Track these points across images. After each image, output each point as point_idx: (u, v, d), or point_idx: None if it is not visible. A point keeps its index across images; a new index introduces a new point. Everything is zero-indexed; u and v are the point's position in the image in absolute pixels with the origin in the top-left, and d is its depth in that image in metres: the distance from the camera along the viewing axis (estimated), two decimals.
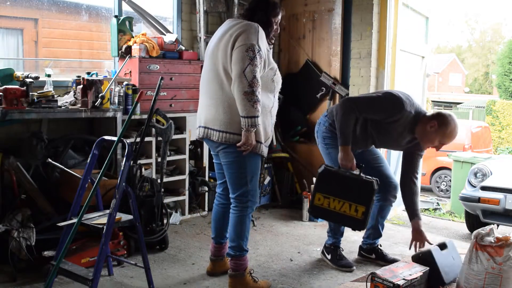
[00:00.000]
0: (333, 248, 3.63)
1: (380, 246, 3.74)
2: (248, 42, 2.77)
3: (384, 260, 3.62)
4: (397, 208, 5.34)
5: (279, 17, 3.06)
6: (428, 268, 2.92)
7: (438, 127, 3.25)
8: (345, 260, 3.60)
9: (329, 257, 3.63)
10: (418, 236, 3.45)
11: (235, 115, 2.83)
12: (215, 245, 3.31)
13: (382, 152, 4.83)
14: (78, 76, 3.82)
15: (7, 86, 3.28)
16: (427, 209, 7.03)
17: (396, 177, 5.20)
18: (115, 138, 2.87)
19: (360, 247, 3.80)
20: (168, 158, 4.18)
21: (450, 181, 7.82)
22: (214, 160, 3.22)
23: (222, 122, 2.88)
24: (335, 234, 3.63)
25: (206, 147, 4.73)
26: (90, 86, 3.62)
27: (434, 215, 6.28)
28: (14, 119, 3.40)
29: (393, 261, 3.51)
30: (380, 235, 3.72)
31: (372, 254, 3.71)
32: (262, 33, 2.88)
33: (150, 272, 2.88)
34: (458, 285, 2.89)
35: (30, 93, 3.34)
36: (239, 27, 2.85)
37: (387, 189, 3.54)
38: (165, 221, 3.77)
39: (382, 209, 3.64)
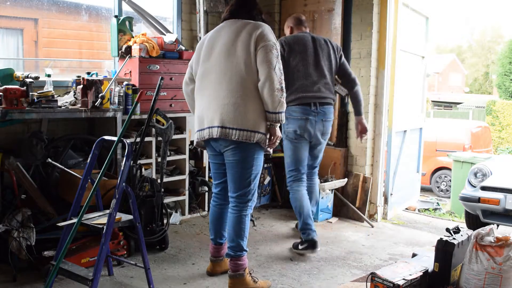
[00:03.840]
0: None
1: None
2: (271, 42, 2.92)
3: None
4: (397, 208, 5.34)
5: None
6: (427, 268, 2.92)
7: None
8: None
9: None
10: (362, 126, 4.05)
11: (256, 113, 2.92)
12: (214, 246, 3.31)
13: (382, 152, 4.85)
14: (78, 76, 3.82)
15: (7, 86, 3.28)
16: (427, 209, 7.03)
17: (396, 177, 5.21)
18: (115, 138, 2.88)
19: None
20: (168, 158, 4.19)
21: (450, 181, 7.83)
22: (211, 161, 3.21)
23: (244, 121, 2.90)
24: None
25: None
26: (90, 86, 3.62)
27: (434, 215, 6.28)
28: (14, 119, 3.40)
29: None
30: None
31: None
32: (273, 32, 3.03)
33: (150, 272, 2.88)
34: (458, 285, 2.89)
35: (30, 93, 3.34)
36: (255, 27, 2.95)
37: None
38: (165, 221, 3.77)
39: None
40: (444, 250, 2.90)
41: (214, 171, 3.25)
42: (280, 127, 3.13)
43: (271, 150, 3.10)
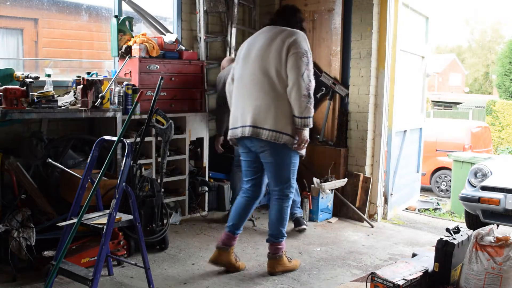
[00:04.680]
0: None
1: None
2: (302, 49, 3.10)
3: None
4: (397, 208, 5.34)
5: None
6: (427, 268, 2.92)
7: None
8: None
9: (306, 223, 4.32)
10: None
11: (285, 116, 3.11)
12: (228, 233, 3.37)
13: (382, 152, 4.85)
14: (78, 76, 3.82)
15: (7, 86, 3.28)
16: (427, 209, 7.03)
17: (396, 177, 5.21)
18: (115, 138, 2.88)
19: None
20: (168, 158, 4.18)
21: (450, 181, 7.82)
22: (243, 158, 3.41)
23: (273, 122, 3.10)
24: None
25: (206, 147, 4.73)
26: (90, 86, 3.62)
27: (434, 215, 6.28)
28: (14, 119, 3.40)
29: None
30: None
31: None
32: (307, 40, 3.21)
33: (150, 272, 2.88)
34: (458, 285, 2.89)
35: (30, 93, 3.34)
36: (289, 35, 3.14)
37: None
38: (165, 221, 3.77)
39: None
40: (444, 250, 2.90)
41: (245, 168, 3.43)
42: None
43: (303, 152, 3.29)
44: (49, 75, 3.67)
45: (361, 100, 4.84)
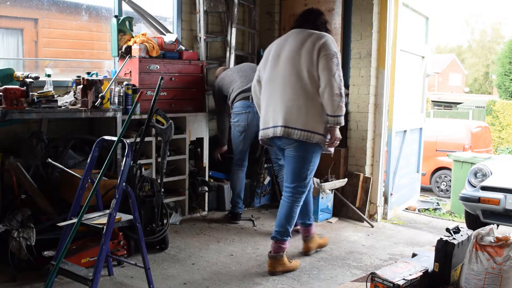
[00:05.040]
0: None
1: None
2: (332, 51, 3.23)
3: None
4: (397, 208, 5.34)
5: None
6: (427, 268, 2.92)
7: None
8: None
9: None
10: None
11: (316, 116, 3.24)
12: (304, 228, 3.75)
13: (382, 152, 4.84)
14: (78, 76, 3.82)
15: (7, 86, 3.28)
16: (427, 209, 7.02)
17: (396, 177, 5.21)
18: (115, 138, 2.88)
19: None
20: (168, 158, 4.18)
21: (450, 181, 7.82)
22: (274, 157, 3.75)
23: (305, 122, 3.23)
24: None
25: (206, 147, 4.73)
26: (90, 86, 3.62)
27: (434, 215, 6.27)
28: (14, 119, 3.40)
29: None
30: None
31: None
32: (335, 42, 3.35)
33: (150, 272, 2.88)
34: (458, 285, 2.89)
35: (30, 93, 3.34)
36: (318, 37, 3.27)
37: None
38: (165, 221, 3.77)
39: None
40: (444, 250, 2.90)
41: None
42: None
43: (332, 150, 3.47)
44: (49, 75, 3.67)
45: (361, 100, 4.84)
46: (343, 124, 3.27)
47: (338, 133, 3.32)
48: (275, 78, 3.37)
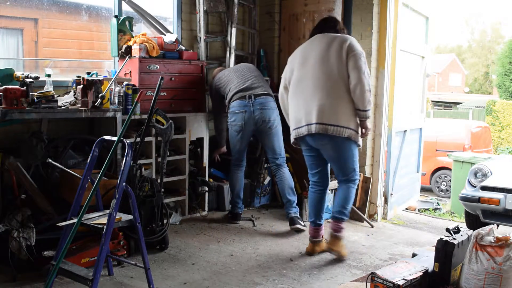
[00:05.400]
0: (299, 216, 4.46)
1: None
2: (359, 51, 3.51)
3: None
4: (397, 208, 5.34)
5: None
6: (427, 268, 2.92)
7: None
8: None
9: (303, 223, 4.40)
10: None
11: (347, 112, 3.49)
12: (314, 227, 3.79)
13: (382, 152, 4.84)
14: (78, 76, 3.82)
15: (7, 86, 3.28)
16: (427, 209, 7.03)
17: (396, 177, 5.21)
18: (115, 138, 2.88)
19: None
20: (168, 158, 4.18)
21: (450, 181, 7.82)
22: (307, 154, 3.78)
23: (338, 118, 3.47)
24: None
25: (206, 147, 4.73)
26: (90, 86, 3.62)
27: (434, 215, 6.27)
28: (14, 119, 3.40)
29: None
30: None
31: None
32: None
33: (150, 272, 2.88)
34: (458, 285, 2.89)
35: (30, 93, 3.34)
36: (344, 39, 3.54)
37: None
38: (165, 221, 3.77)
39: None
40: (444, 250, 2.90)
41: (309, 162, 3.81)
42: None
43: (361, 142, 3.66)
44: (49, 75, 3.67)
45: None
46: (370, 117, 3.58)
47: (369, 125, 3.62)
48: (305, 79, 3.58)
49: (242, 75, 4.47)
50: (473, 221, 4.93)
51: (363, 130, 3.60)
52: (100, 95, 3.63)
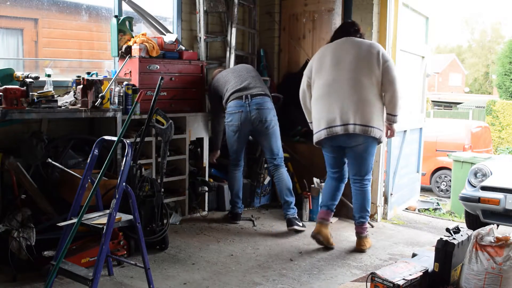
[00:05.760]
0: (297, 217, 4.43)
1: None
2: (391, 59, 3.77)
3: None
4: (397, 208, 5.34)
5: None
6: (427, 268, 2.92)
7: None
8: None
9: (301, 224, 4.41)
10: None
11: (379, 115, 3.74)
12: (326, 211, 4.01)
13: (382, 152, 4.84)
14: (78, 76, 3.82)
15: (7, 86, 3.28)
16: (427, 209, 7.02)
17: (396, 177, 5.21)
18: (115, 138, 2.88)
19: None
20: (168, 158, 4.18)
21: (450, 181, 7.82)
22: (330, 154, 3.94)
23: (370, 120, 3.67)
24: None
25: (206, 147, 4.73)
26: (90, 86, 3.62)
27: (434, 215, 6.27)
28: (14, 119, 3.40)
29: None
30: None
31: None
32: None
33: (150, 272, 2.88)
34: (458, 285, 2.89)
35: (30, 93, 3.34)
36: (376, 47, 3.76)
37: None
38: (165, 221, 3.77)
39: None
40: (444, 250, 2.90)
41: (331, 162, 4.00)
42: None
43: (384, 140, 3.93)
44: (49, 75, 3.67)
45: None
46: (397, 122, 3.87)
47: (395, 127, 3.92)
48: (339, 81, 3.73)
49: (239, 76, 4.47)
50: (473, 221, 4.92)
51: (389, 132, 3.91)
52: (100, 95, 3.63)
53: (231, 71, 4.62)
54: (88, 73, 4.05)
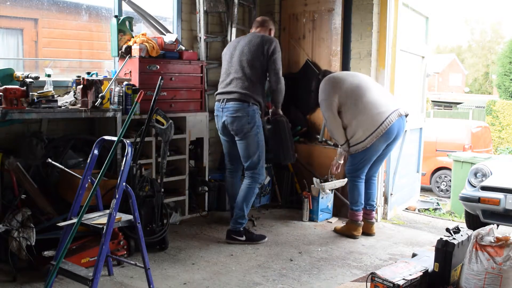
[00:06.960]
0: (245, 229, 4.10)
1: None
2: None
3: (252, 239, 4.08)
4: (397, 208, 5.34)
5: None
6: (427, 268, 2.92)
7: None
8: (256, 234, 4.17)
9: (243, 238, 4.03)
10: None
11: None
12: (368, 210, 4.40)
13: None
14: (78, 76, 3.82)
15: (7, 86, 3.28)
16: (427, 209, 7.02)
17: (396, 177, 5.21)
18: (115, 138, 2.88)
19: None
20: (168, 158, 4.18)
21: (450, 181, 7.82)
22: (373, 157, 4.20)
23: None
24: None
25: (206, 147, 4.73)
26: (90, 86, 3.62)
27: (434, 215, 6.27)
28: (14, 119, 3.40)
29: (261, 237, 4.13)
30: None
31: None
32: None
33: (150, 272, 2.88)
34: (458, 285, 2.89)
35: (30, 93, 3.34)
36: None
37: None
38: (165, 221, 3.77)
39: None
40: (444, 250, 2.90)
41: (368, 164, 4.27)
42: None
43: None
44: (49, 75, 3.67)
45: None
46: None
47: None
48: (364, 95, 4.09)
49: (228, 68, 4.08)
50: (473, 221, 4.92)
51: None
52: (100, 95, 3.63)
53: (229, 54, 4.15)
54: (88, 73, 4.05)
